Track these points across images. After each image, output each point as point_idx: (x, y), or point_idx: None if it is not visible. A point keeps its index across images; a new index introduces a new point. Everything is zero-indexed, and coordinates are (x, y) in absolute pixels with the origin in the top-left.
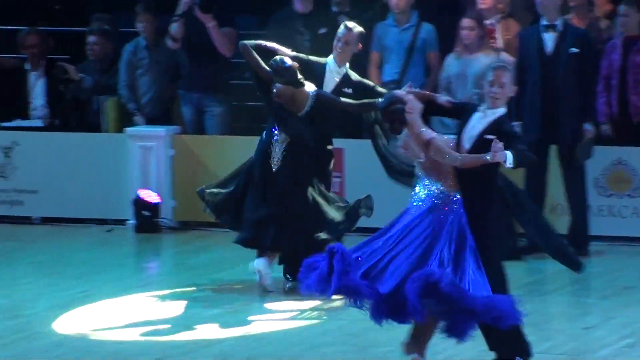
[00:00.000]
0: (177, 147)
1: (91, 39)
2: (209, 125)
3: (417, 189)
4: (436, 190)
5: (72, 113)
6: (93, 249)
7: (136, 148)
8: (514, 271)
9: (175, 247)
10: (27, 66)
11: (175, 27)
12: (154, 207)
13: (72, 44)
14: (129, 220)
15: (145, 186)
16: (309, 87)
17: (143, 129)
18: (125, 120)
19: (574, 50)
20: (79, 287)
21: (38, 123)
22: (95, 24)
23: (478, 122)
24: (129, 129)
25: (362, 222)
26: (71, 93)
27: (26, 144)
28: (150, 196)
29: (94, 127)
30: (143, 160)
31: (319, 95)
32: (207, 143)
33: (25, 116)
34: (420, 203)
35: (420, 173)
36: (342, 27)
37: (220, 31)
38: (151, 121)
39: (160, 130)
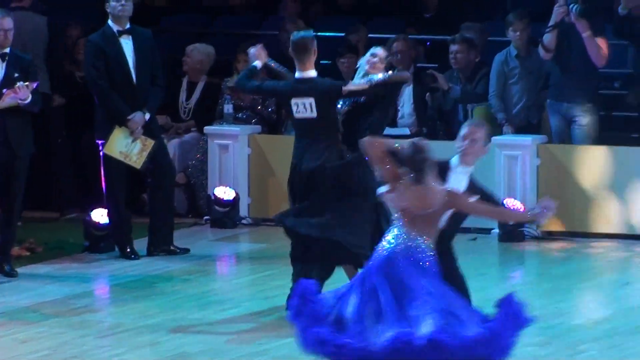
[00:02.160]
0: (543, 156)
1: (453, 47)
2: (576, 135)
3: (392, 239)
4: (413, 244)
5: (438, 121)
6: (458, 258)
7: (502, 157)
8: None
9: (539, 256)
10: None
11: (548, 37)
12: None
13: (441, 53)
14: (493, 229)
15: (511, 195)
16: None
17: (509, 138)
18: (492, 128)
19: None
20: None
21: (405, 131)
22: (459, 33)
23: (458, 182)
24: (495, 138)
25: None
26: (436, 102)
27: None
28: (515, 205)
29: None
30: (509, 169)
31: None
32: (573, 153)
33: (393, 124)
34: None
35: (398, 224)
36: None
37: (595, 40)
38: (521, 130)
39: (526, 139)
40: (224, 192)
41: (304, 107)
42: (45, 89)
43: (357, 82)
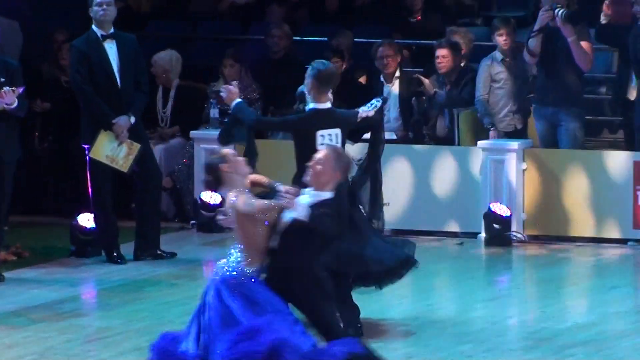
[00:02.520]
0: (530, 160)
1: (439, 52)
2: (562, 139)
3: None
4: (235, 264)
5: (424, 126)
6: (444, 262)
7: (489, 161)
8: None
9: (525, 260)
10: (381, 78)
11: (533, 42)
12: (505, 221)
13: (426, 57)
14: (480, 233)
15: (497, 199)
16: None
17: (495, 143)
18: (478, 133)
19: None
20: (428, 299)
21: (391, 136)
22: (445, 37)
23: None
24: (481, 142)
25: None
26: (422, 106)
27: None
28: (501, 209)
29: (447, 139)
30: (495, 174)
31: None
32: (558, 157)
33: None
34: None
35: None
36: None
37: (580, 45)
38: (507, 135)
39: (512, 143)
40: (211, 197)
41: (329, 139)
42: None
43: (366, 109)
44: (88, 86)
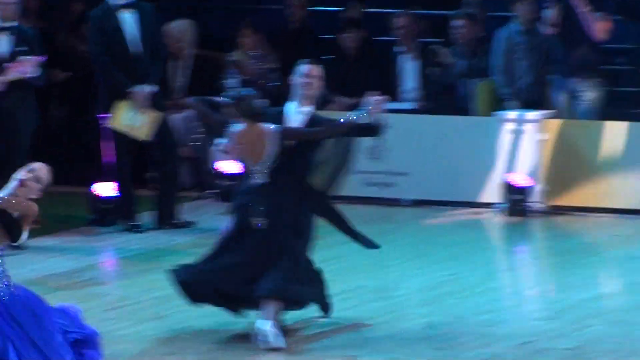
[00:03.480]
0: (548, 131)
1: (457, 22)
2: (581, 110)
3: None
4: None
5: (442, 96)
6: (462, 232)
7: (506, 132)
8: None
9: (545, 231)
10: (399, 48)
11: (550, 12)
12: (524, 191)
13: (444, 28)
14: (498, 203)
15: (516, 170)
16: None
17: (514, 113)
18: (495, 103)
19: None
20: (448, 269)
21: (409, 106)
22: (462, 8)
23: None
24: (499, 113)
25: None
26: (439, 77)
27: (397, 126)
28: (520, 180)
29: (464, 110)
30: (513, 144)
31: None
32: (577, 128)
33: (396, 99)
34: None
35: None
36: (303, 65)
37: (593, 15)
38: (526, 106)
39: (531, 114)
40: (229, 166)
41: None
42: None
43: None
44: (106, 57)
